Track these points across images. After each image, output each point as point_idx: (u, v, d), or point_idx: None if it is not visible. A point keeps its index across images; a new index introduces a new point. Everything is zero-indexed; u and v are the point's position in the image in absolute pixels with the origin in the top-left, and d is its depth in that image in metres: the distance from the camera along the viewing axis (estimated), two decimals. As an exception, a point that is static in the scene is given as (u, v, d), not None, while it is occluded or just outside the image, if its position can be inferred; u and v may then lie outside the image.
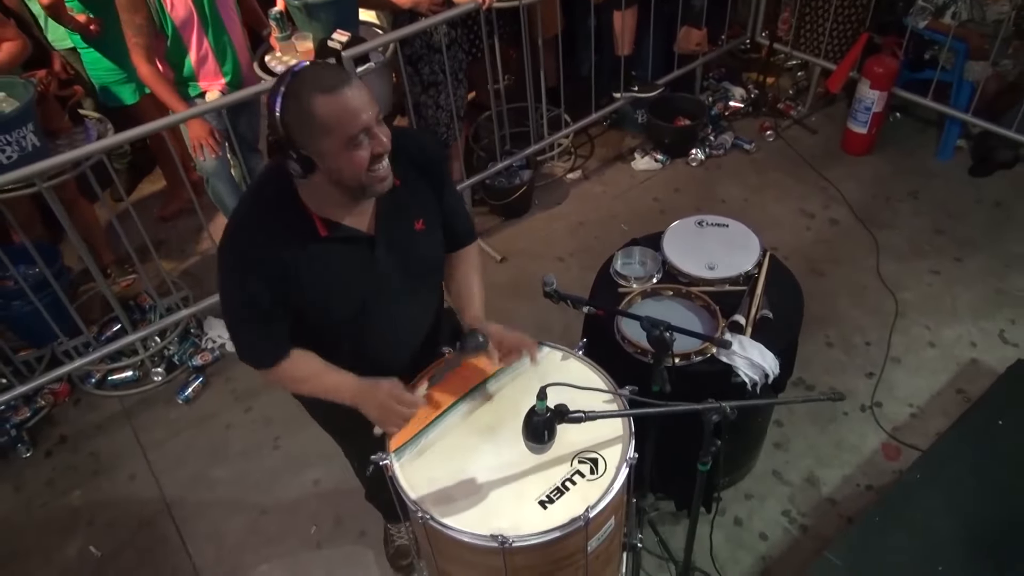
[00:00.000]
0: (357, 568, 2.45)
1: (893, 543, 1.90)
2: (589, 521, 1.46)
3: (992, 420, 2.12)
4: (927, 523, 1.93)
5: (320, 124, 1.31)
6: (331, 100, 1.31)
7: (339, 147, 1.33)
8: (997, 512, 1.95)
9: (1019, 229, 3.40)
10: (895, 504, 1.98)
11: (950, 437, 2.11)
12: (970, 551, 1.86)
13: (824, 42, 3.96)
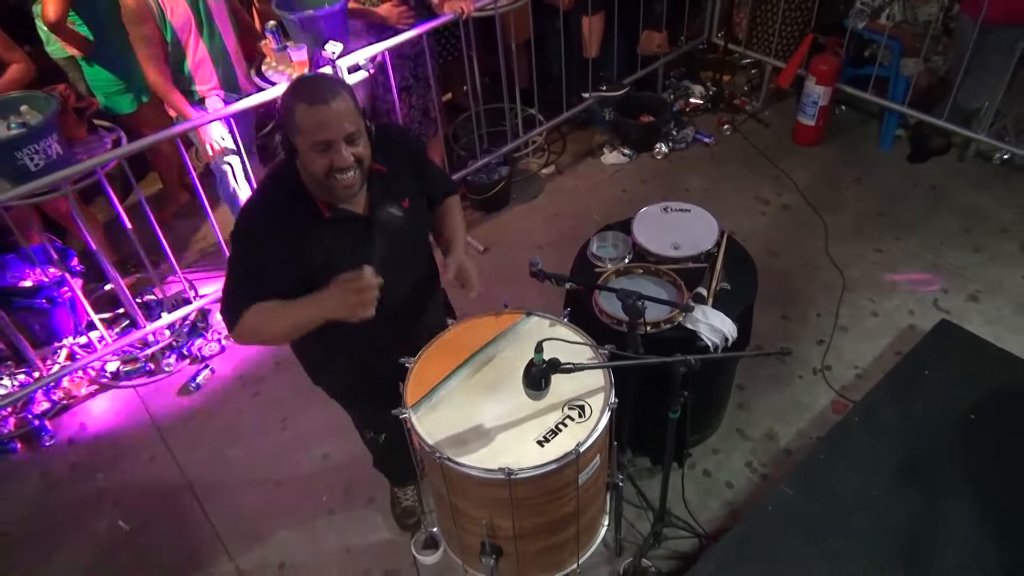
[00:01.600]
0: (368, 529, 2.72)
1: (836, 474, 2.23)
2: (579, 456, 1.75)
3: (919, 370, 2.47)
4: (864, 456, 2.27)
5: (296, 125, 1.62)
6: (307, 110, 1.60)
7: (307, 148, 1.64)
8: (922, 444, 2.30)
9: (952, 210, 3.77)
10: (837, 443, 2.32)
11: (884, 385, 2.46)
12: (900, 476, 2.20)
13: (774, 42, 4.32)
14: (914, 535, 2.13)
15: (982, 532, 2.08)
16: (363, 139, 1.68)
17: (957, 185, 3.91)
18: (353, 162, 1.67)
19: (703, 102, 4.54)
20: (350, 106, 1.63)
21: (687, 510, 2.60)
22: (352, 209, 1.79)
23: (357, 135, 1.65)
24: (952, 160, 4.08)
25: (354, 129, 1.64)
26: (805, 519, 2.24)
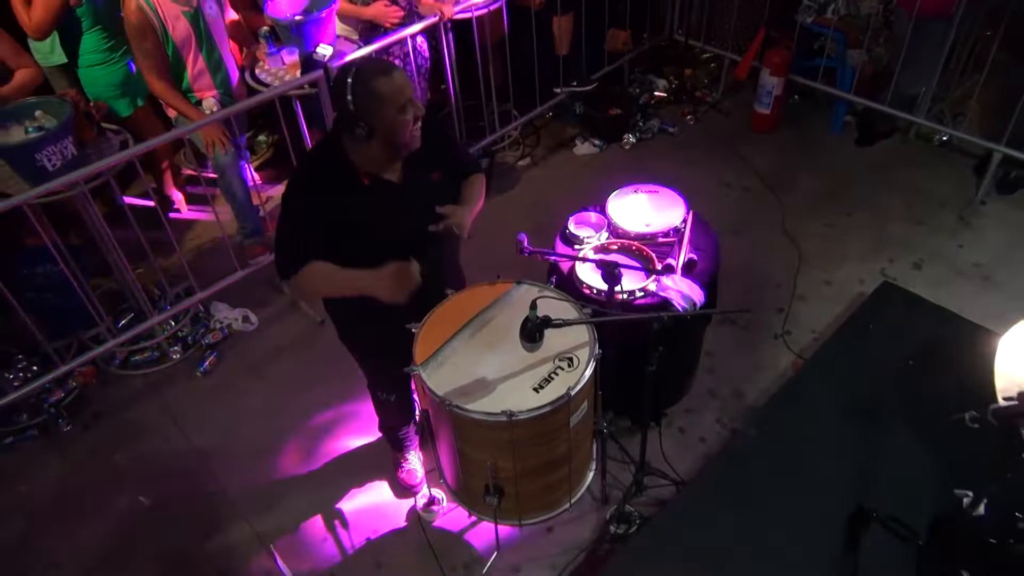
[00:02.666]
0: (374, 492, 2.97)
1: (791, 415, 2.55)
2: (571, 399, 2.03)
3: (864, 325, 2.80)
4: (815, 399, 2.59)
5: (379, 96, 1.90)
6: (388, 81, 1.91)
7: (393, 112, 1.93)
8: (865, 388, 2.62)
9: (896, 188, 4.13)
10: (792, 390, 2.63)
11: (833, 339, 2.79)
12: (846, 414, 2.52)
13: (730, 37, 4.65)
14: (861, 466, 2.45)
15: (918, 461, 2.40)
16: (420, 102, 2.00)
17: (901, 165, 4.27)
18: (417, 128, 2.00)
19: (667, 95, 4.85)
20: (405, 77, 1.96)
21: (665, 461, 2.89)
22: (388, 177, 2.06)
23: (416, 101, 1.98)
24: (896, 142, 4.44)
25: (411, 93, 1.96)
26: (767, 456, 2.55)
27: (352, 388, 3.25)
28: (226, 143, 3.26)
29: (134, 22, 3.04)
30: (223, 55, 3.30)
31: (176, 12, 3.10)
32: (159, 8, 3.06)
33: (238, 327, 3.64)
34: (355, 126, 1.94)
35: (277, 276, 2.16)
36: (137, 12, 3.02)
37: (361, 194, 2.04)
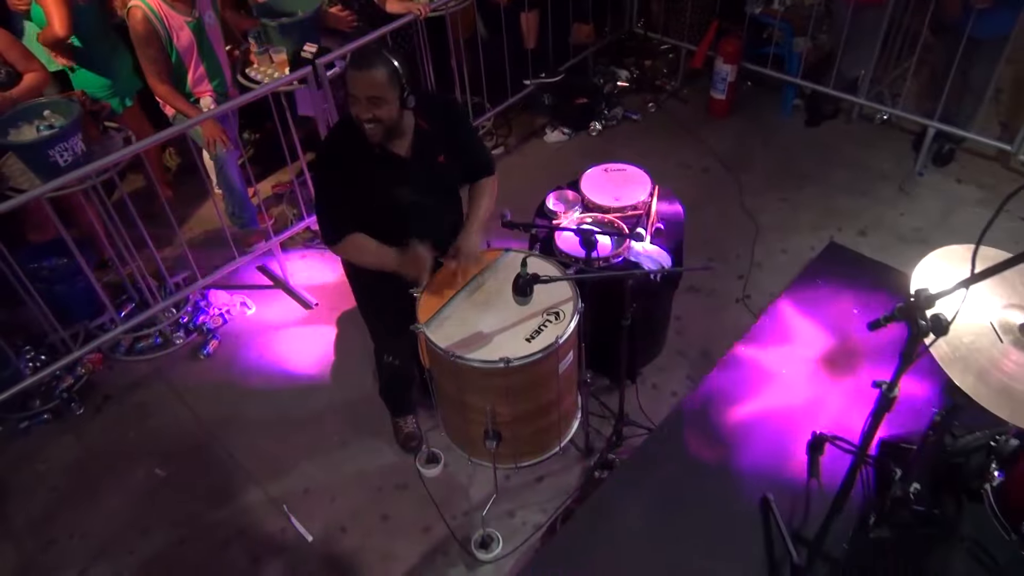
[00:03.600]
0: (376, 455, 3.22)
1: (747, 362, 2.87)
2: (558, 347, 2.32)
3: (813, 281, 3.14)
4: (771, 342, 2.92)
5: (347, 85, 2.18)
6: (354, 74, 2.16)
7: (351, 97, 2.19)
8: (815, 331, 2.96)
9: (841, 164, 4.50)
10: (748, 341, 2.96)
11: (787, 293, 3.13)
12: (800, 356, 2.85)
13: (686, 29, 4.99)
14: (815, 399, 2.79)
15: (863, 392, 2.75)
16: (389, 106, 2.18)
17: (845, 142, 4.66)
18: (372, 118, 2.19)
19: (629, 84, 5.17)
20: (380, 77, 2.14)
21: (642, 412, 3.20)
22: (396, 151, 2.33)
23: (380, 101, 2.16)
24: (841, 122, 4.83)
25: (377, 95, 2.15)
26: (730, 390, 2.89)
27: (348, 365, 3.52)
28: (225, 140, 3.49)
29: (140, 32, 3.25)
30: (219, 59, 3.52)
31: (181, 22, 3.33)
32: (165, 19, 3.28)
33: (236, 312, 3.86)
34: None
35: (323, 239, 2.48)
36: (144, 22, 3.24)
37: (372, 162, 2.31)
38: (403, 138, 2.35)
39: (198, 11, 3.42)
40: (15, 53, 3.30)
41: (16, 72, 3.32)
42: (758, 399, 2.97)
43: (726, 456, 2.82)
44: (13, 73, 3.31)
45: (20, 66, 3.32)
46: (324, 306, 3.89)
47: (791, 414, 2.83)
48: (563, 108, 4.86)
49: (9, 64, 3.30)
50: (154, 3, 3.28)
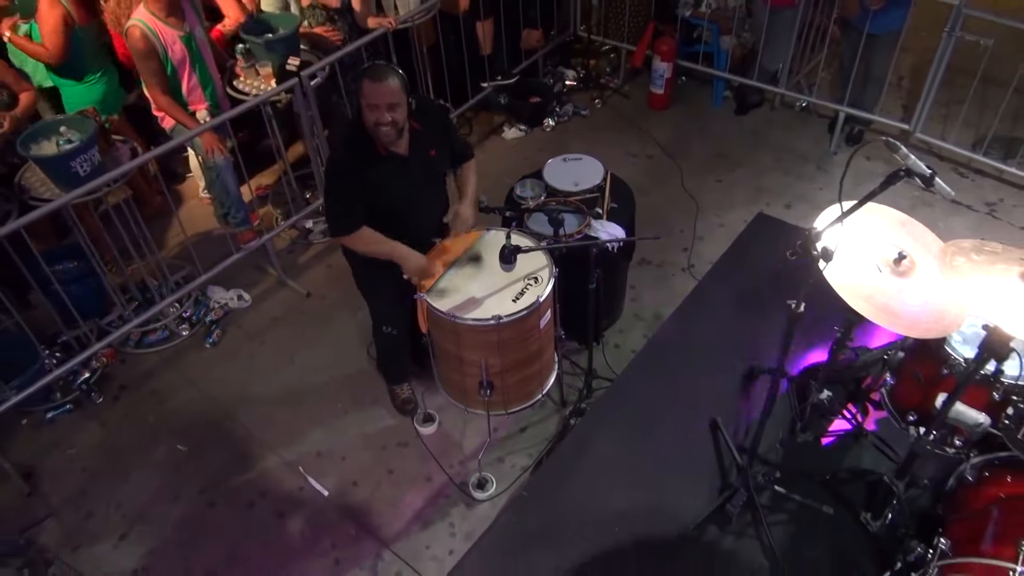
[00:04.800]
0: (377, 420, 3.66)
1: (692, 317, 3.43)
2: (539, 304, 2.81)
3: (744, 249, 3.72)
4: (713, 302, 3.49)
5: (361, 91, 2.60)
6: (367, 83, 2.59)
7: (364, 106, 2.61)
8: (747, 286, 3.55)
9: (768, 147, 5.11)
10: (692, 298, 3.52)
11: (720, 260, 3.69)
12: (736, 307, 3.42)
13: (625, 31, 5.54)
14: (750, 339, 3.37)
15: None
16: (401, 109, 2.64)
17: (771, 128, 5.27)
18: (389, 121, 2.64)
19: (576, 83, 5.70)
20: (395, 86, 2.58)
21: (608, 367, 3.71)
22: (398, 151, 2.77)
23: (396, 105, 2.61)
24: (766, 111, 5.45)
25: (394, 101, 2.60)
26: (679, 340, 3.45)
27: (343, 345, 3.95)
28: (223, 148, 3.88)
29: (140, 47, 3.61)
30: (210, 70, 3.90)
31: (174, 36, 3.69)
32: (160, 35, 3.64)
33: (235, 305, 4.24)
34: (357, 110, 2.66)
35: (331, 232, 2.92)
36: (142, 39, 3.60)
37: (378, 162, 2.75)
38: (402, 138, 2.80)
39: (188, 25, 3.78)
40: (10, 77, 3.64)
41: (13, 93, 3.66)
42: (703, 345, 3.54)
43: (679, 392, 3.37)
44: (12, 94, 3.65)
45: (14, 88, 3.66)
46: (316, 296, 4.30)
47: (731, 353, 3.41)
48: (518, 107, 5.36)
49: (6, 87, 3.63)
50: (149, 20, 3.64)
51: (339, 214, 2.87)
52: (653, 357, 3.50)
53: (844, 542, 2.70)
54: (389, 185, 2.79)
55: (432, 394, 3.59)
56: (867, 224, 2.37)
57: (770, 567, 2.69)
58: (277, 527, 3.29)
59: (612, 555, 2.78)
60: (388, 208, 2.85)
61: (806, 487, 2.83)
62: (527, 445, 3.50)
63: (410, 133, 2.81)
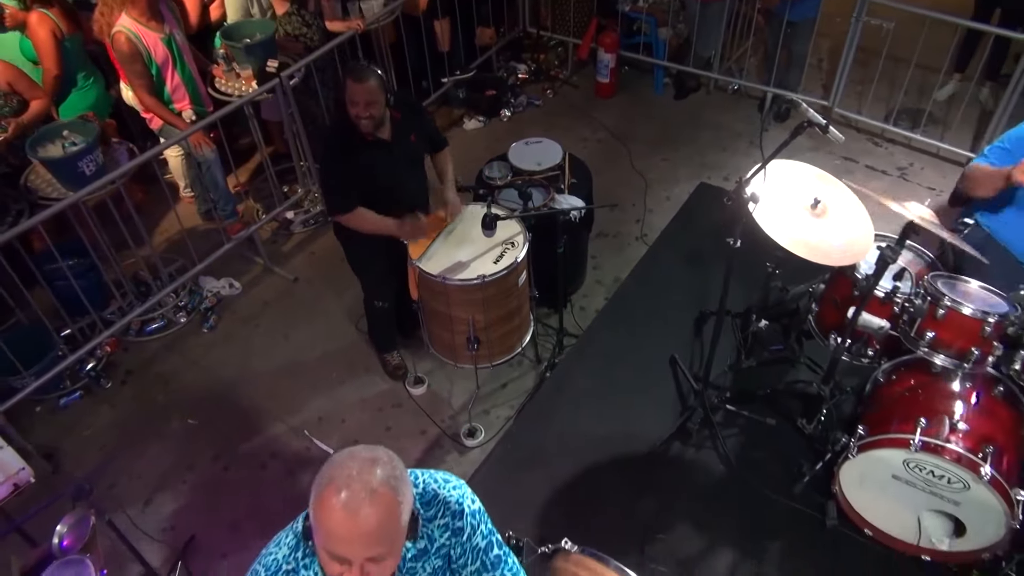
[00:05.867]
0: (371, 385, 4.05)
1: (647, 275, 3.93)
2: (517, 264, 3.27)
3: (690, 214, 4.25)
4: (665, 261, 4.01)
5: (344, 89, 2.99)
6: (350, 82, 2.98)
7: (347, 101, 3.00)
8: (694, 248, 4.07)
9: (706, 127, 5.66)
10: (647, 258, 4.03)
11: (669, 225, 4.22)
12: (684, 263, 3.94)
13: (571, 26, 6.04)
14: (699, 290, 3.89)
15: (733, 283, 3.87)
16: (379, 105, 3.04)
17: (707, 110, 5.83)
18: (367, 115, 3.05)
19: (528, 76, 6.17)
20: (374, 86, 2.99)
21: (576, 324, 4.19)
22: (382, 136, 3.17)
23: (374, 102, 3.02)
24: (702, 94, 6.01)
25: (372, 99, 3.01)
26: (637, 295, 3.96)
27: (332, 322, 4.33)
28: (210, 143, 4.22)
29: (126, 51, 3.93)
30: (192, 71, 4.24)
31: (155, 39, 4.02)
32: (143, 38, 3.97)
33: (227, 293, 4.58)
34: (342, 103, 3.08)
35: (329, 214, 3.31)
36: (128, 43, 3.92)
37: (366, 147, 3.15)
38: (385, 127, 3.21)
39: (168, 27, 4.12)
40: (23, 84, 3.93)
41: (24, 100, 3.95)
42: (659, 297, 4.08)
43: (640, 337, 3.89)
44: (22, 100, 3.94)
45: (27, 95, 3.95)
46: (302, 280, 4.67)
47: (683, 302, 3.95)
48: (476, 100, 5.80)
49: (18, 93, 3.92)
50: (132, 26, 3.96)
51: (336, 196, 3.27)
52: (616, 311, 4.01)
53: (785, 445, 3.24)
54: (378, 167, 3.20)
55: (420, 359, 4.01)
56: (790, 178, 2.88)
57: (725, 471, 3.21)
58: (290, 483, 3.66)
59: (594, 471, 3.26)
60: (378, 187, 3.26)
61: (752, 403, 3.36)
62: (509, 398, 3.94)
63: (393, 122, 3.22)
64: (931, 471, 2.53)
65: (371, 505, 1.38)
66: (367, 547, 1.40)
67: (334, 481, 1.40)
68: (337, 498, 1.37)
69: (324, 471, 1.44)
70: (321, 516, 1.40)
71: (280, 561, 1.55)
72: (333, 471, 1.42)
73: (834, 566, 2.87)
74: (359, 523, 1.37)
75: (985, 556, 2.64)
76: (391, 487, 1.41)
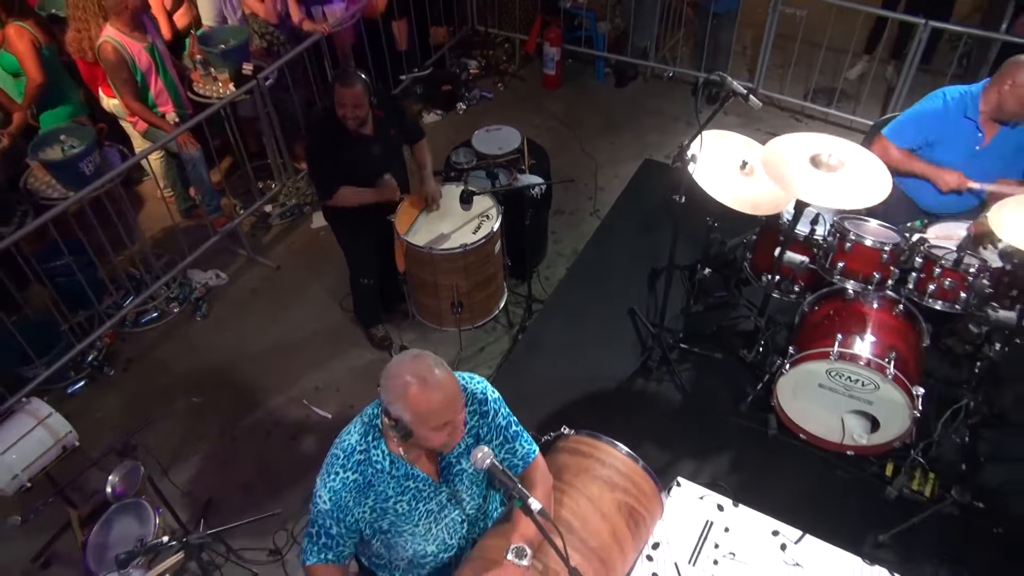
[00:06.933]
0: (359, 357, 4.47)
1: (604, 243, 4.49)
2: (493, 234, 3.76)
3: (637, 188, 4.81)
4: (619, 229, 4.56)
5: (333, 91, 3.41)
6: (338, 87, 3.40)
7: (335, 102, 3.42)
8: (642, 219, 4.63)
9: (645, 112, 6.23)
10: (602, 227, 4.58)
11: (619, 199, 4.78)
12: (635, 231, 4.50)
13: (517, 23, 6.56)
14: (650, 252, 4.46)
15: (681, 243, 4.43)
16: (363, 107, 3.47)
17: (646, 97, 6.42)
18: (353, 116, 3.49)
19: (479, 71, 6.67)
20: (360, 90, 3.41)
21: (543, 291, 4.70)
22: (365, 132, 3.61)
23: (359, 105, 3.45)
24: (640, 82, 6.59)
25: (357, 102, 3.43)
26: (595, 261, 4.53)
27: (317, 304, 4.73)
28: (194, 142, 4.59)
29: (112, 60, 4.27)
30: (173, 77, 4.60)
31: (139, 48, 4.37)
32: (128, 47, 4.31)
33: (214, 283, 4.94)
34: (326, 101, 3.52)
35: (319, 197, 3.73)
36: (114, 52, 4.26)
37: (350, 141, 3.57)
38: (368, 124, 3.63)
39: (150, 37, 4.47)
40: (4, 97, 4.24)
41: (7, 112, 4.26)
42: (615, 260, 4.64)
43: (602, 295, 4.43)
44: (6, 113, 4.25)
45: (8, 107, 4.27)
46: (285, 268, 5.07)
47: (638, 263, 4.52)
48: (433, 95, 6.27)
49: (2, 107, 4.23)
50: (117, 36, 4.30)
51: (322, 181, 3.68)
52: (577, 276, 4.56)
53: (731, 373, 3.83)
54: (361, 159, 3.62)
55: (403, 331, 4.47)
56: (722, 145, 3.44)
57: (683, 398, 3.78)
58: (294, 446, 4.08)
59: (570, 406, 3.79)
60: (362, 175, 3.68)
61: (701, 341, 3.94)
62: (487, 360, 4.42)
63: (376, 119, 3.64)
64: (848, 377, 3.12)
65: (445, 374, 1.85)
66: (456, 402, 1.86)
67: (414, 378, 1.81)
68: (425, 386, 1.80)
69: (396, 381, 1.82)
70: (420, 406, 1.80)
71: (353, 444, 2.01)
72: (406, 375, 1.82)
73: (778, 468, 3.44)
74: (447, 389, 1.83)
75: (896, 445, 3.25)
76: (440, 361, 1.88)
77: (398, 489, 2.01)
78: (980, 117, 3.37)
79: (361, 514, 2.00)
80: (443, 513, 2.11)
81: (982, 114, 3.36)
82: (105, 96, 4.73)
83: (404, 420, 1.84)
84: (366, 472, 1.98)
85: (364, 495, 1.99)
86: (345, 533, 2.01)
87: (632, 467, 2.18)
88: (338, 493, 1.97)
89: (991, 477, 3.32)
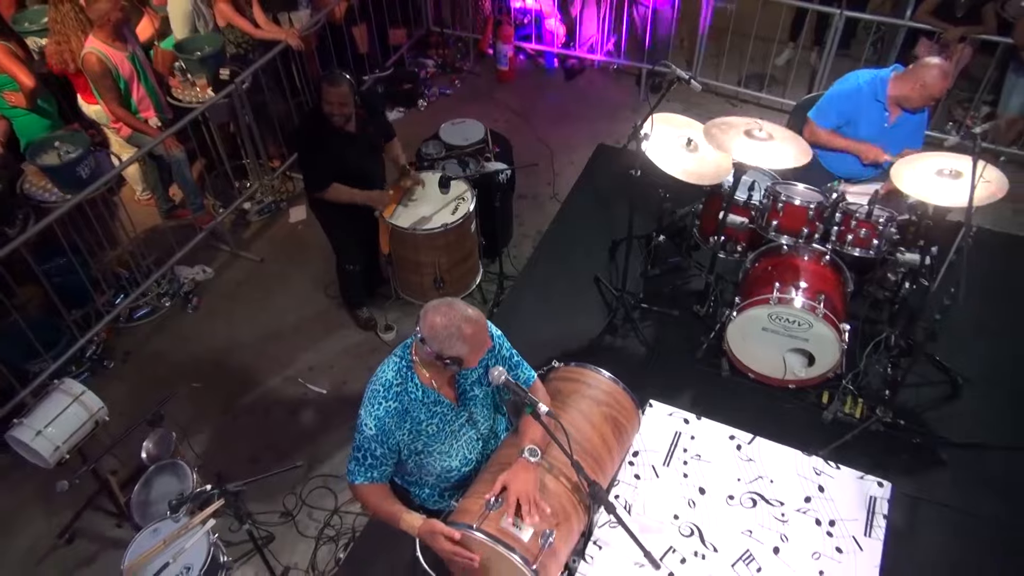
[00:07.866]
0: (347, 338, 4.88)
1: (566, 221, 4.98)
2: (470, 213, 4.22)
3: (592, 171, 5.33)
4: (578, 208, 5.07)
5: (321, 91, 3.83)
6: (325, 86, 3.82)
7: (323, 101, 3.83)
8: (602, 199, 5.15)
9: (595, 102, 6.76)
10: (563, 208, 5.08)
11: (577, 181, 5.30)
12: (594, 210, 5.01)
13: (470, 24, 7.02)
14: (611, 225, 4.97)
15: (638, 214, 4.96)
16: (349, 106, 3.88)
17: (594, 87, 6.96)
18: (339, 113, 3.90)
19: (437, 69, 7.11)
20: (346, 90, 3.82)
21: (513, 267, 5.18)
22: (348, 129, 4.01)
23: (345, 104, 3.86)
24: (588, 74, 7.13)
25: (343, 101, 3.84)
26: (558, 239, 5.01)
27: (302, 292, 5.12)
28: (178, 144, 4.92)
29: (97, 70, 4.58)
30: (153, 83, 4.93)
31: (121, 57, 4.68)
32: (111, 57, 4.63)
33: (201, 278, 5.27)
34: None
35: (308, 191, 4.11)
36: (98, 63, 4.57)
37: (336, 138, 3.97)
38: (351, 122, 4.05)
39: (131, 46, 4.79)
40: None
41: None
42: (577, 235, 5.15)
43: (568, 267, 4.93)
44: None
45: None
46: (268, 260, 5.43)
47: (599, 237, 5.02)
48: (395, 93, 6.68)
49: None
50: (100, 46, 4.61)
51: (313, 176, 4.08)
52: (544, 251, 5.06)
53: (687, 327, 4.38)
54: (346, 153, 4.03)
55: (387, 311, 4.89)
56: (670, 126, 3.96)
57: (646, 351, 4.31)
58: (294, 421, 4.46)
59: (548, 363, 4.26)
60: (346, 168, 4.09)
61: (660, 301, 4.48)
62: (466, 333, 4.88)
63: (358, 118, 4.06)
64: (787, 319, 3.68)
65: (475, 310, 2.36)
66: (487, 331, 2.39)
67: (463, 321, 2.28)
68: (473, 324, 2.29)
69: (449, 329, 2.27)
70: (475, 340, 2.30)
71: (391, 379, 2.45)
72: (456, 322, 2.27)
73: (731, 403, 3.99)
74: (482, 320, 2.35)
75: (830, 375, 3.83)
76: (463, 302, 2.37)
77: (428, 414, 2.46)
78: (887, 100, 3.96)
79: (401, 436, 2.45)
80: (462, 432, 2.57)
81: (889, 98, 3.95)
82: (86, 103, 5.03)
83: (462, 354, 2.29)
84: (403, 400, 2.43)
85: (403, 420, 2.43)
86: (388, 454, 2.46)
87: (614, 387, 2.68)
88: (382, 420, 2.41)
89: (908, 398, 3.93)
